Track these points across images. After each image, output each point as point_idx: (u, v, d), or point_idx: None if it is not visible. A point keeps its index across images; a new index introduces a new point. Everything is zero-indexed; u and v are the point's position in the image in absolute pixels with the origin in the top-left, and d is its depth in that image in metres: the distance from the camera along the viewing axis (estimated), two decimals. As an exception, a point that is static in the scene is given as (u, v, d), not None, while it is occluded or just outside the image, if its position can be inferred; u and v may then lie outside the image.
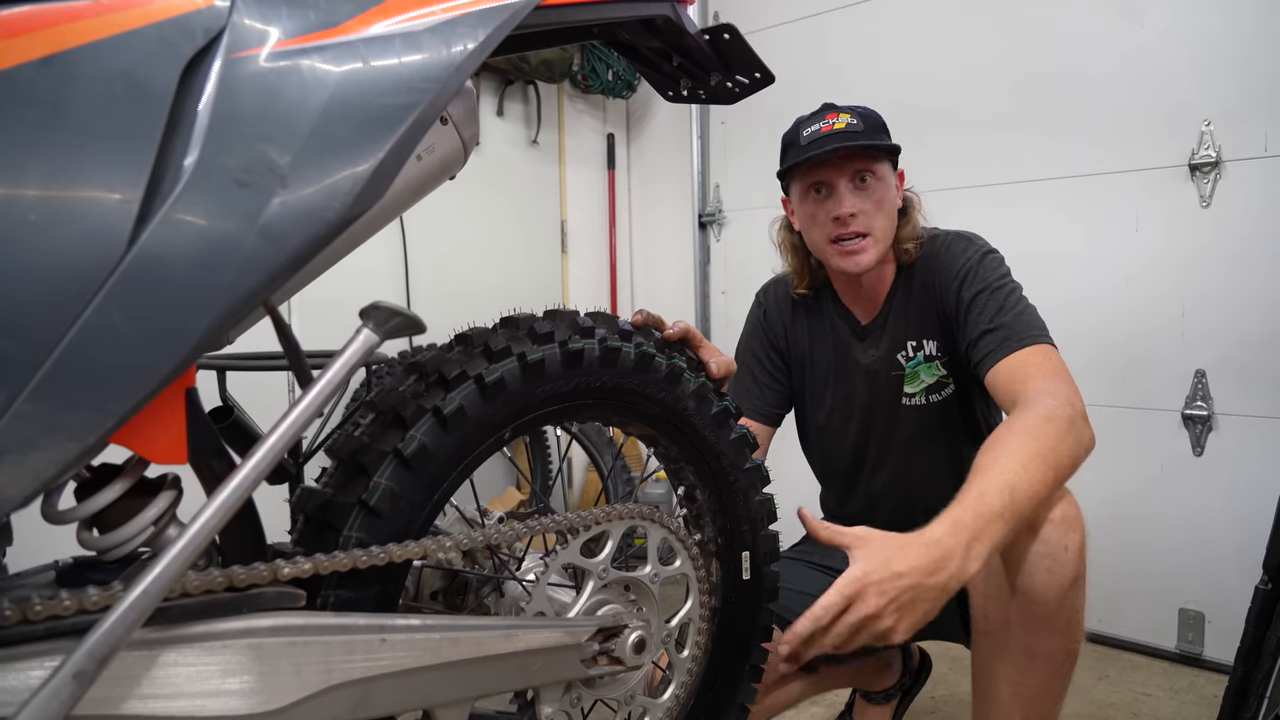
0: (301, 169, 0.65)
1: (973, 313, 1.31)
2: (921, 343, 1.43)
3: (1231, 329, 2.17)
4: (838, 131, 1.36)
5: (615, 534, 0.96)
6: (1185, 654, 2.25)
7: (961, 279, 1.35)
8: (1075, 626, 1.10)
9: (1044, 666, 1.11)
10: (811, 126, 1.39)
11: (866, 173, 1.37)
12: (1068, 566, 1.07)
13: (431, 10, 0.73)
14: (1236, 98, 2.13)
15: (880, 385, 1.47)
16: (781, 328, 1.59)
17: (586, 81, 3.29)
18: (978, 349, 1.28)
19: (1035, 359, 1.21)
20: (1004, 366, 1.22)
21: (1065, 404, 1.11)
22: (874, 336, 1.48)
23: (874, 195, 1.37)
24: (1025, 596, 1.09)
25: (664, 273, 3.55)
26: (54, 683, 0.57)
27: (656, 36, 0.97)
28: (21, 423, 0.55)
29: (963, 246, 1.39)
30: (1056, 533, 1.08)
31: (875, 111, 1.43)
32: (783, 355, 1.59)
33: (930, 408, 1.44)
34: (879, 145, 1.37)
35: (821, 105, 1.45)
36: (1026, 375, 1.19)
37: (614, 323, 0.97)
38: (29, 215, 0.56)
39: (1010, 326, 1.26)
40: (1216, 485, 2.20)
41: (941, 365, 1.43)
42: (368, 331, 0.74)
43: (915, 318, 1.43)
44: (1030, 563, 1.08)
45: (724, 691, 1.09)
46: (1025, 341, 1.23)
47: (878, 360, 1.47)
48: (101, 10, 0.59)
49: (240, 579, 0.68)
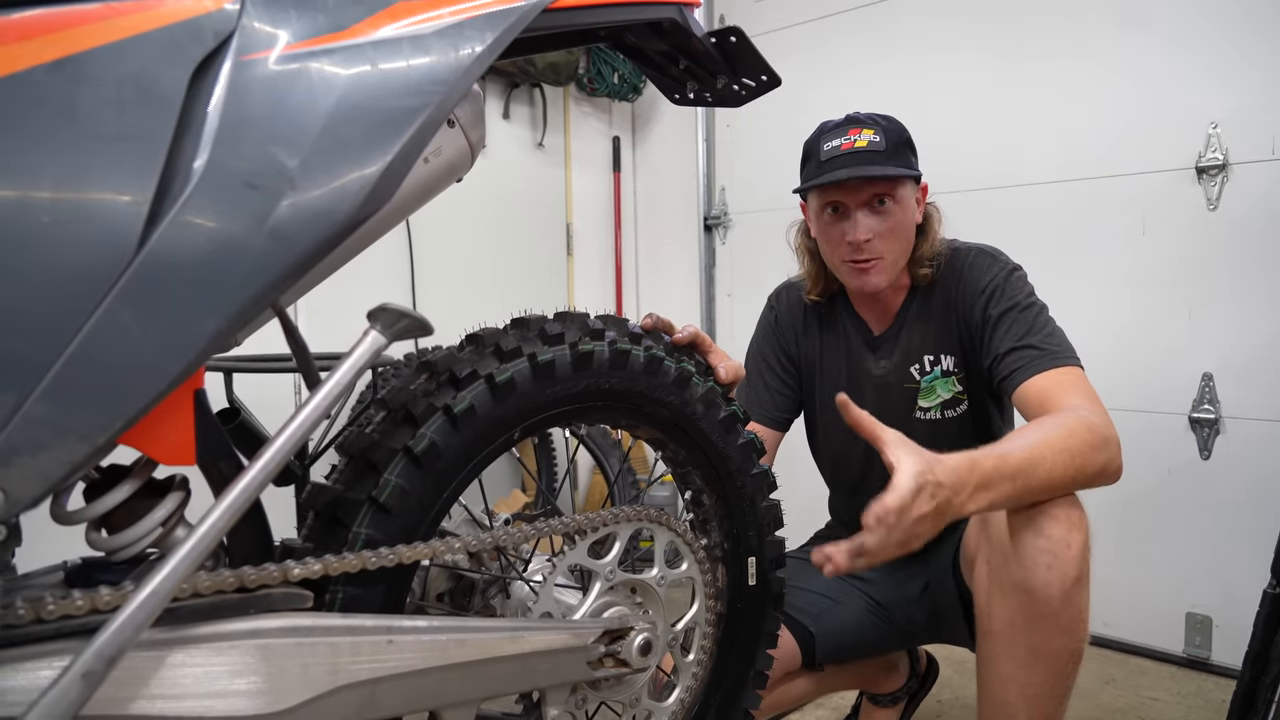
0: (310, 171, 0.65)
1: (999, 330, 1.30)
2: (939, 357, 1.42)
3: (1239, 332, 2.16)
4: (859, 151, 1.34)
5: (622, 536, 0.96)
6: (1192, 658, 2.24)
7: (988, 296, 1.34)
8: (1079, 626, 1.10)
9: (1047, 666, 1.11)
10: (833, 141, 1.37)
11: (885, 197, 1.35)
12: (1070, 565, 1.07)
13: (439, 13, 0.73)
14: (1243, 100, 2.13)
15: (892, 397, 1.46)
16: (793, 333, 1.58)
17: (592, 84, 3.29)
18: (1005, 364, 1.27)
19: (1069, 379, 1.22)
20: (1037, 382, 1.22)
21: (1105, 424, 1.13)
22: (887, 347, 1.47)
23: (891, 219, 1.36)
24: (1027, 593, 1.09)
25: (669, 275, 3.55)
26: (63, 682, 0.57)
27: (663, 39, 0.97)
28: (32, 424, 0.56)
29: (987, 263, 1.38)
30: (1060, 530, 1.08)
31: (899, 124, 1.40)
32: (793, 360, 1.59)
33: (945, 423, 1.44)
34: (895, 175, 1.34)
35: (846, 117, 1.41)
36: (1064, 392, 1.19)
37: (623, 325, 0.98)
38: (41, 217, 0.56)
39: (1042, 346, 1.25)
40: (1224, 489, 2.19)
41: (958, 381, 1.42)
42: (375, 333, 0.74)
43: (933, 332, 1.43)
44: (1032, 558, 1.08)
45: (729, 696, 1.09)
46: (1059, 361, 1.24)
47: (889, 372, 1.46)
48: (112, 14, 0.60)
49: (250, 579, 0.68)
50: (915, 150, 1.41)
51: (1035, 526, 1.09)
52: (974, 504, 1.00)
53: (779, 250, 1.63)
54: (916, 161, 1.40)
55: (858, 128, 1.37)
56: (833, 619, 1.48)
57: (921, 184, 1.42)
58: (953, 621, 1.39)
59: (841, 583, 1.52)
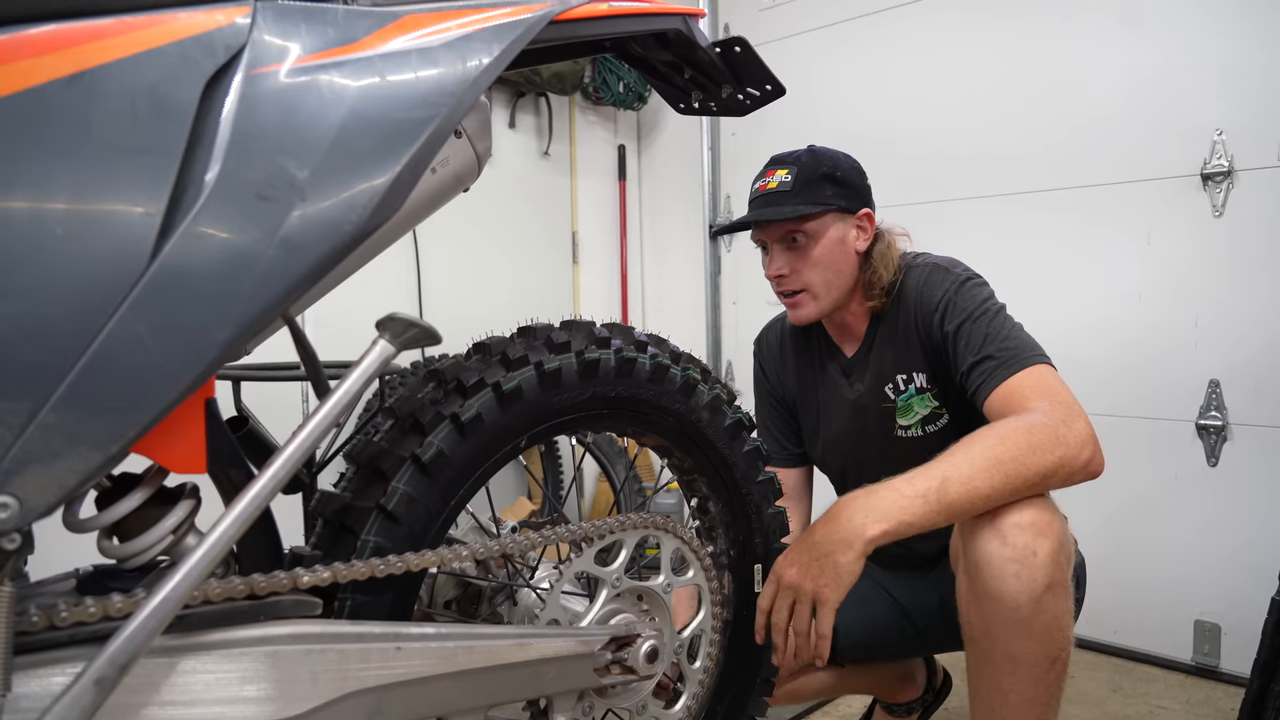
0: (320, 182, 0.66)
1: (959, 345, 1.31)
2: (911, 375, 1.43)
3: (1246, 339, 2.16)
4: (770, 193, 1.40)
5: (629, 543, 0.96)
6: (1201, 666, 2.23)
7: (942, 312, 1.35)
8: (1055, 633, 1.09)
9: (1025, 673, 1.10)
10: (756, 183, 1.45)
11: (796, 234, 1.39)
12: (1038, 571, 1.07)
13: (447, 26, 0.74)
14: (1248, 107, 2.13)
15: (870, 419, 1.47)
16: (776, 376, 1.63)
17: (598, 93, 3.30)
18: (970, 381, 1.28)
19: (1029, 381, 1.21)
20: (999, 394, 1.23)
21: (1059, 421, 1.12)
22: (859, 371, 1.49)
23: (806, 254, 1.40)
24: (997, 601, 1.08)
25: (675, 283, 3.56)
26: (76, 689, 0.57)
27: (668, 49, 0.98)
28: (47, 432, 0.56)
29: (940, 277, 1.38)
30: (1024, 538, 1.07)
31: (820, 156, 1.42)
32: (782, 401, 1.63)
33: (927, 438, 1.44)
34: (790, 217, 1.37)
35: (771, 158, 1.47)
36: (1023, 397, 1.19)
37: (629, 333, 0.98)
38: (55, 228, 0.57)
39: (997, 354, 1.26)
40: (1232, 496, 2.18)
41: (933, 397, 1.43)
42: (384, 343, 0.75)
43: (901, 351, 1.44)
44: (999, 567, 1.08)
45: (735, 704, 1.09)
46: (1015, 366, 1.23)
47: (864, 394, 1.48)
48: (125, 29, 0.61)
49: (260, 587, 0.69)
50: (843, 182, 1.41)
51: (1000, 534, 1.08)
52: (875, 526, 1.04)
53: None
54: (844, 193, 1.40)
55: (774, 168, 1.44)
56: (857, 614, 1.48)
57: (861, 212, 1.42)
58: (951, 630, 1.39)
59: (869, 582, 1.53)
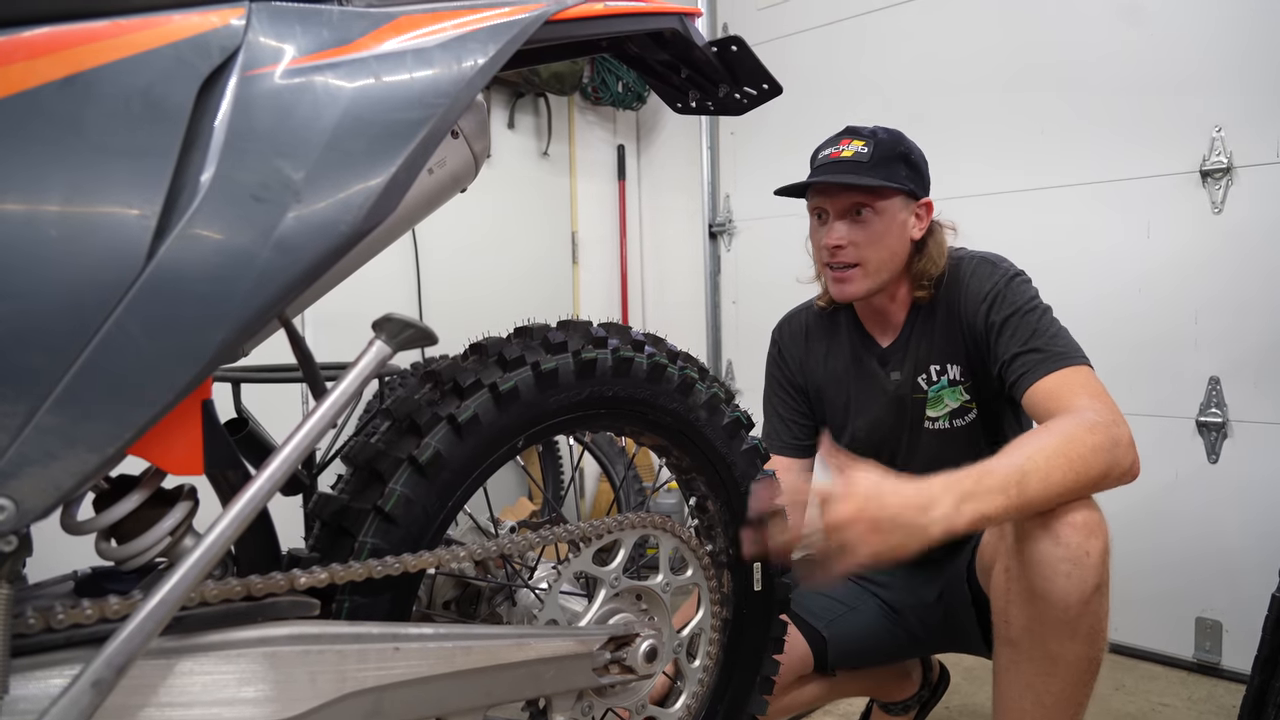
0: (315, 183, 0.66)
1: (1004, 335, 1.31)
2: (945, 367, 1.43)
3: (1246, 335, 2.16)
4: (843, 160, 1.37)
5: (628, 543, 0.96)
6: (1202, 663, 2.23)
7: (990, 303, 1.35)
8: (1098, 634, 1.09)
9: (1065, 674, 1.10)
10: (825, 149, 1.41)
11: (863, 206, 1.37)
12: (1089, 572, 1.06)
13: (443, 27, 0.74)
14: (1248, 103, 2.12)
15: (905, 409, 1.47)
16: (796, 362, 1.61)
17: (597, 93, 3.30)
18: (1011, 370, 1.28)
19: (1075, 379, 1.21)
20: (1045, 384, 1.22)
21: (1111, 423, 1.11)
22: (896, 360, 1.48)
23: (869, 229, 1.38)
24: (1046, 601, 1.08)
25: (675, 283, 3.56)
26: (73, 691, 0.57)
27: (665, 49, 0.98)
28: (43, 434, 0.56)
29: (988, 271, 1.39)
30: (1078, 537, 1.07)
31: (899, 138, 1.41)
32: (800, 389, 1.61)
33: (954, 432, 1.44)
34: (871, 185, 1.35)
35: (845, 128, 1.44)
36: (1072, 392, 1.19)
37: (627, 333, 0.98)
38: (51, 231, 0.57)
39: (1046, 348, 1.26)
40: (1233, 493, 2.18)
41: (965, 390, 1.42)
42: (380, 343, 0.74)
43: (939, 342, 1.43)
44: (1051, 566, 1.07)
45: (735, 703, 1.09)
46: (1064, 362, 1.23)
47: (902, 384, 1.47)
48: (120, 31, 0.61)
49: (258, 588, 0.69)
50: (915, 166, 1.41)
51: (1053, 534, 1.08)
52: (963, 519, 0.99)
53: (783, 257, 1.64)
54: (915, 177, 1.40)
55: (849, 138, 1.40)
56: (846, 624, 1.48)
57: (922, 201, 1.42)
58: (967, 629, 1.39)
59: (856, 588, 1.52)
